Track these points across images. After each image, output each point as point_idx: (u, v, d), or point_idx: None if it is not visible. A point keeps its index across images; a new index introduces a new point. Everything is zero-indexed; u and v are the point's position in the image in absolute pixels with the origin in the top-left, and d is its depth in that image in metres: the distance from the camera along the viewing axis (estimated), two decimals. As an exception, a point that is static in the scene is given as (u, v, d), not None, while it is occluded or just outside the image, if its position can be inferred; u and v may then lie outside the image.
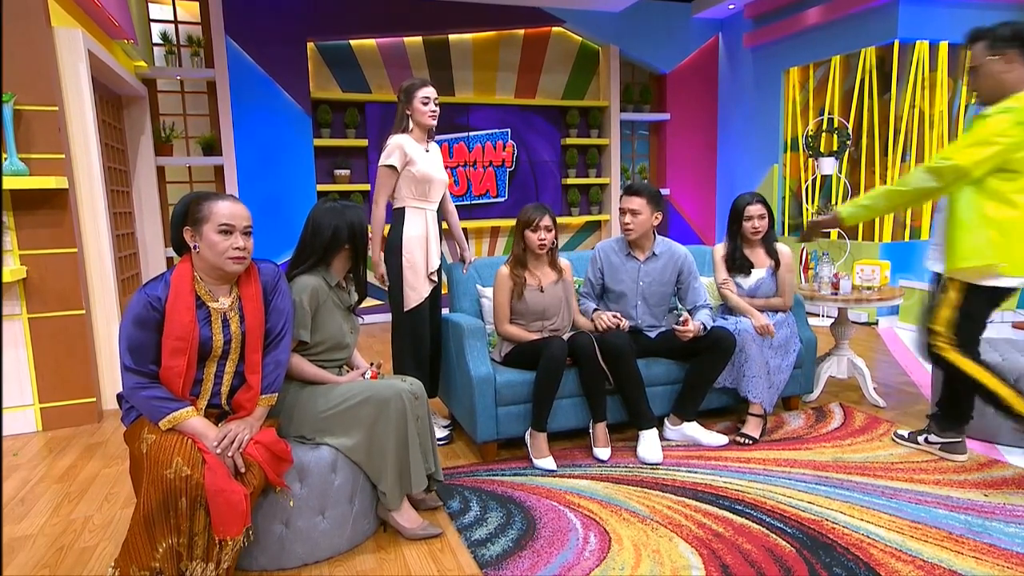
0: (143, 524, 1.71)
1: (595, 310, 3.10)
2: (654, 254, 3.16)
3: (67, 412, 3.48)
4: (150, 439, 1.78)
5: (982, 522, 2.32)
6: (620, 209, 3.13)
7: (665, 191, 7.06)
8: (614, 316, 2.98)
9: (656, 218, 3.09)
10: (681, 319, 3.01)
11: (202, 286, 1.96)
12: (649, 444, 2.89)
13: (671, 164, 7.10)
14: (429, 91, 3.00)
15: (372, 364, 2.48)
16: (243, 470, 1.87)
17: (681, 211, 7.23)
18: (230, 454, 1.85)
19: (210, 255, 1.92)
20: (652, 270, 3.15)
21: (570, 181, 6.64)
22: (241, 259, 1.95)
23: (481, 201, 6.32)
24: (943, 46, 5.23)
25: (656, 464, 2.85)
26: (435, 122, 3.06)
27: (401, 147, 2.94)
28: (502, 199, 6.38)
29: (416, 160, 2.96)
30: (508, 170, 6.37)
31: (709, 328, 3.04)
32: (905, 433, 3.03)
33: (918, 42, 5.16)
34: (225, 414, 2.01)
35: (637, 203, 3.06)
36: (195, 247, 1.94)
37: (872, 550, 2.13)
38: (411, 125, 3.02)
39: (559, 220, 6.51)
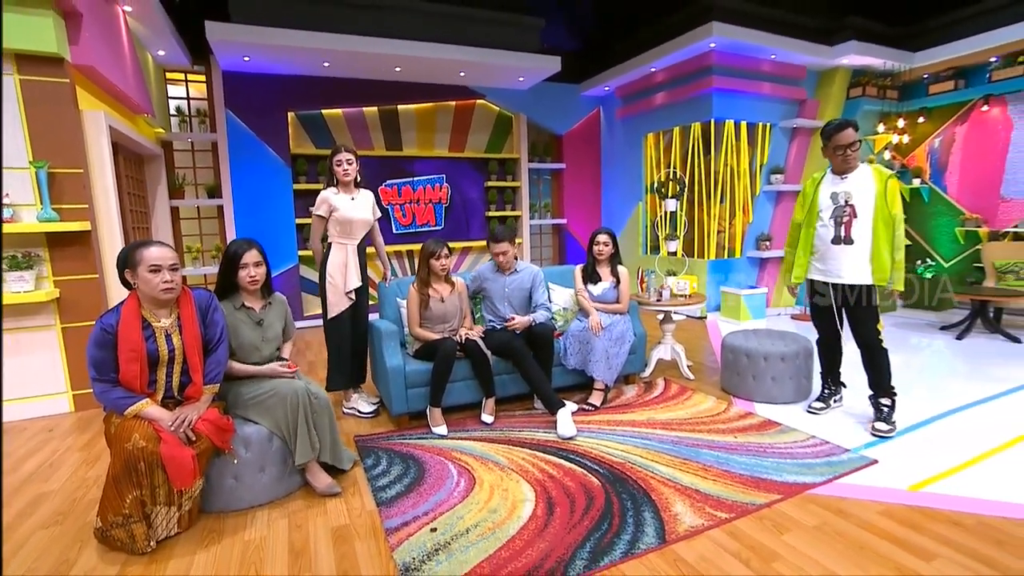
0: (112, 483, 1.80)
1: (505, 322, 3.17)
2: (516, 271, 3.32)
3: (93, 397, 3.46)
4: (117, 422, 1.86)
5: (727, 456, 2.53)
6: (493, 253, 3.21)
7: (563, 221, 7.28)
8: (468, 330, 3.10)
9: (517, 244, 3.26)
10: (508, 317, 3.15)
11: (147, 310, 1.98)
12: (564, 423, 2.82)
13: (567, 201, 7.30)
14: (341, 156, 3.00)
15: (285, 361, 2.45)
16: (193, 439, 1.95)
17: (576, 236, 7.42)
18: (182, 430, 1.93)
19: (147, 289, 1.94)
20: (514, 281, 3.30)
21: (492, 213, 6.76)
22: (170, 289, 1.95)
23: (423, 229, 6.40)
24: (743, 124, 5.56)
25: (571, 437, 2.74)
26: (348, 178, 3.02)
27: (327, 200, 3.00)
28: (439, 227, 6.47)
29: (339, 207, 3.00)
30: (444, 205, 6.47)
31: (540, 322, 3.16)
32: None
33: (727, 121, 5.45)
34: (179, 403, 2.07)
35: (505, 247, 3.22)
36: (135, 284, 1.95)
37: (652, 481, 2.31)
38: (336, 180, 3.06)
39: (481, 244, 6.73)
